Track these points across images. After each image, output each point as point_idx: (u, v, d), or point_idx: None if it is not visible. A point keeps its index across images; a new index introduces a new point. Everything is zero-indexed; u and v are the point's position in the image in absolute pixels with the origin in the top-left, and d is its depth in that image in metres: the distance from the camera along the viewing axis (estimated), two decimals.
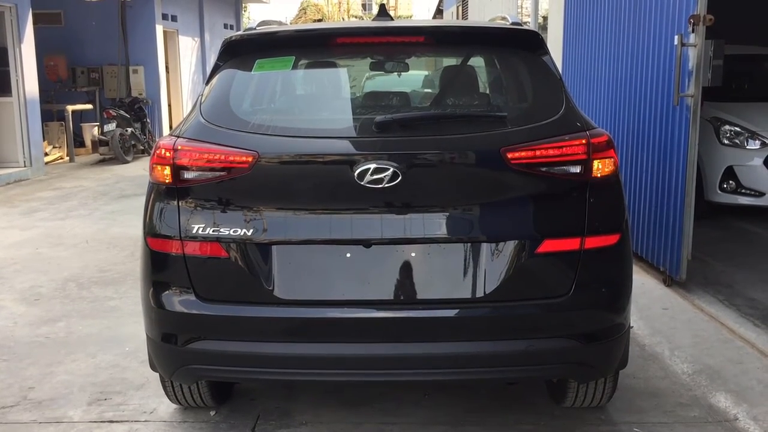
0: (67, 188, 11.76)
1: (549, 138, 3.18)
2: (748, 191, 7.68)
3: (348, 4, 54.03)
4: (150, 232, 3.29)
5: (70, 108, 14.96)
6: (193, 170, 3.19)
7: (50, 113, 15.18)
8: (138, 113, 15.90)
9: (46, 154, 14.22)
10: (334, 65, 3.90)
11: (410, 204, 3.13)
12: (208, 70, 3.73)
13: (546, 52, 3.60)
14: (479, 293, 3.12)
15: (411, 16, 54.91)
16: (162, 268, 3.28)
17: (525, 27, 3.80)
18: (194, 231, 3.17)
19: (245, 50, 3.62)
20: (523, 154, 3.13)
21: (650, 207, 6.22)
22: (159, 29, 17.85)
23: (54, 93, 15.92)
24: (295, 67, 3.70)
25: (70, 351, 4.82)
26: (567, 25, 8.93)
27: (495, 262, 3.12)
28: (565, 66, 8.82)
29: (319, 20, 44.36)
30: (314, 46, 3.73)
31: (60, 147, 15.15)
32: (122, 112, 15.05)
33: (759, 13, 10.29)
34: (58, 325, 5.32)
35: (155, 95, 17.68)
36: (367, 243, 3.13)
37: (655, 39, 6.12)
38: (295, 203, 3.19)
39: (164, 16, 18.37)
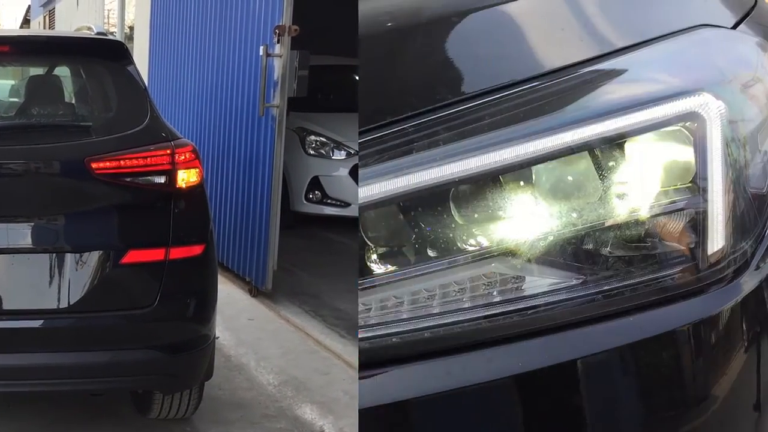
0: None
1: (134, 148, 3.23)
2: (334, 201, 7.92)
3: None
4: None
5: None
6: None
7: None
8: None
9: None
10: None
11: None
12: None
13: (131, 62, 3.65)
14: (63, 304, 3.11)
15: None
16: None
17: (110, 37, 3.98)
18: None
19: None
20: (107, 164, 3.16)
21: (237, 217, 6.19)
22: None
23: None
24: None
25: None
26: (153, 35, 8.75)
27: (80, 273, 3.13)
28: (151, 77, 8.56)
29: None
30: None
31: None
32: None
33: (342, 25, 10.82)
34: None
35: None
36: None
37: (241, 49, 6.10)
38: None
39: None
